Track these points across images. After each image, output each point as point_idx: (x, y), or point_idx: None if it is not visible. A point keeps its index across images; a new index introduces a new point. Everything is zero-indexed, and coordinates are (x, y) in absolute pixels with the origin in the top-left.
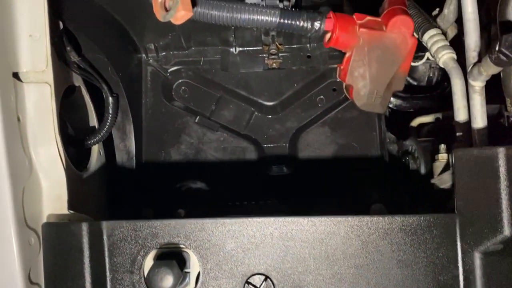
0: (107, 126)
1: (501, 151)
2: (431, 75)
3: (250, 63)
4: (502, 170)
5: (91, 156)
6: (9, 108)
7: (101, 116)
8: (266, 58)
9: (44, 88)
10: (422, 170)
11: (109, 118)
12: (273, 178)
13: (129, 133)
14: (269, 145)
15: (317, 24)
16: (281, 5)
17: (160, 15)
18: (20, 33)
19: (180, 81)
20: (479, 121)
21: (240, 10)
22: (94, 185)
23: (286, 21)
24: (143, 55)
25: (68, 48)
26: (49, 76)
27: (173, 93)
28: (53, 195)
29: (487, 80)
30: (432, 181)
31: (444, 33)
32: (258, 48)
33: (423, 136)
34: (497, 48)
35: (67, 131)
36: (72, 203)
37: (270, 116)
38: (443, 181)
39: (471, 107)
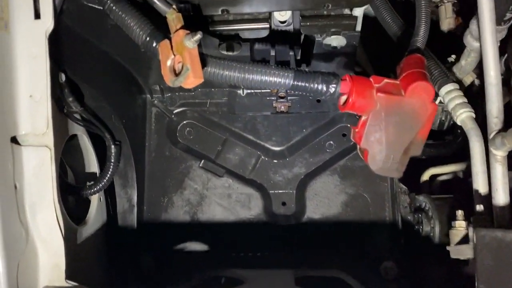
0: (108, 175)
1: None
2: (443, 118)
3: (258, 106)
4: None
5: (91, 204)
6: (6, 177)
7: (103, 161)
8: (275, 101)
9: (43, 152)
10: (437, 234)
11: (111, 167)
12: (279, 228)
13: (131, 179)
14: (275, 191)
15: (332, 88)
16: (291, 53)
17: (169, 79)
18: (20, 93)
19: (185, 122)
20: (501, 193)
21: (252, 71)
22: (94, 242)
23: (300, 84)
24: (148, 95)
25: (70, 99)
26: (50, 139)
27: (177, 134)
28: (50, 264)
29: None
30: (449, 248)
31: (459, 81)
32: (267, 91)
33: (436, 189)
34: None
35: (67, 179)
36: (70, 272)
37: (277, 161)
38: (461, 252)
39: (492, 177)
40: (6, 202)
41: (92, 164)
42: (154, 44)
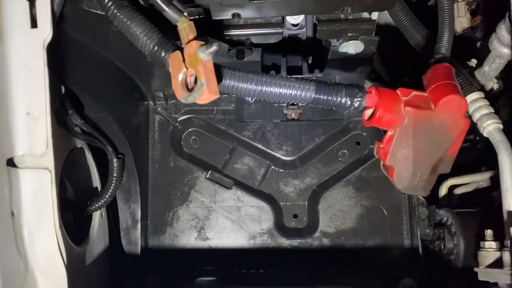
0: (111, 190)
1: None
2: None
3: (267, 113)
4: None
5: (93, 221)
6: (2, 203)
7: (104, 174)
8: (285, 108)
9: (43, 174)
10: (461, 252)
11: (114, 181)
12: (291, 242)
13: (134, 193)
14: (286, 203)
15: (357, 101)
16: (303, 58)
17: (181, 95)
18: (16, 110)
19: (190, 130)
20: None
21: (271, 83)
22: (96, 264)
23: (322, 97)
24: (151, 102)
25: (70, 112)
26: (49, 159)
27: (182, 143)
28: None
29: None
30: (477, 270)
31: (481, 86)
32: None
33: (455, 202)
34: None
35: (66, 195)
36: None
37: (287, 171)
38: (493, 276)
39: None
40: (2, 231)
41: (93, 178)
42: (163, 55)
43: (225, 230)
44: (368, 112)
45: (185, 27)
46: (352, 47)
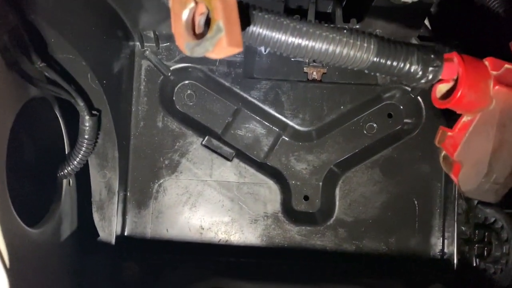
0: (81, 155)
1: None
2: None
3: (283, 70)
4: None
5: (58, 191)
6: None
7: (75, 134)
8: (306, 66)
9: None
10: None
11: (85, 144)
12: (299, 229)
13: (111, 159)
14: (296, 182)
15: (431, 71)
16: (338, 11)
17: (184, 43)
18: None
19: (185, 82)
20: None
21: (315, 36)
22: (59, 248)
23: (384, 61)
24: (137, 43)
25: (26, 51)
26: None
27: (174, 98)
28: None
29: None
30: None
31: None
32: None
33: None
34: None
35: (23, 157)
36: None
37: (301, 143)
38: None
39: None
40: None
41: (59, 138)
42: None
43: (221, 210)
44: (442, 88)
45: None
46: None
